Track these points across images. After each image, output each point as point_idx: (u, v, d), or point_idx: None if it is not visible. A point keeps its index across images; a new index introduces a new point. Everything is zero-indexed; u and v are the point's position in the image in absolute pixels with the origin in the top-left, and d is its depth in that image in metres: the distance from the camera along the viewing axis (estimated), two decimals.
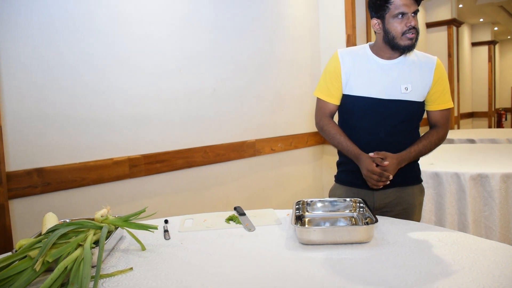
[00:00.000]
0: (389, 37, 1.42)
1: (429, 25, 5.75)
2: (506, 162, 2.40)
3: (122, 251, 1.15)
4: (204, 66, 2.43)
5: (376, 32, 1.49)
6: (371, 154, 1.41)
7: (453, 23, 5.65)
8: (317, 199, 1.41)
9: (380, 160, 1.39)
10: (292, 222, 1.20)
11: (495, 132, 4.63)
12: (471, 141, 4.00)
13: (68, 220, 1.19)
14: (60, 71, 1.79)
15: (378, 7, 1.42)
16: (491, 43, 8.18)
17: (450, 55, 5.61)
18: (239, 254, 1.09)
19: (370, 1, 1.46)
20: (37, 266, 0.89)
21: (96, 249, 0.99)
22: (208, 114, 2.47)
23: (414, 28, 1.39)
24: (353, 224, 1.31)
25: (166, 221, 1.43)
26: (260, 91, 2.83)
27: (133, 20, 2.06)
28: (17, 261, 0.93)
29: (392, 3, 1.38)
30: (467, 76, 7.38)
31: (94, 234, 1.08)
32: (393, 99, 1.45)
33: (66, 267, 0.90)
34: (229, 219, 1.42)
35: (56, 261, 0.92)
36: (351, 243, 1.12)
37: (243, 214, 1.47)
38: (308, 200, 1.41)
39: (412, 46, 1.42)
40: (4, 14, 1.61)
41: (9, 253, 1.06)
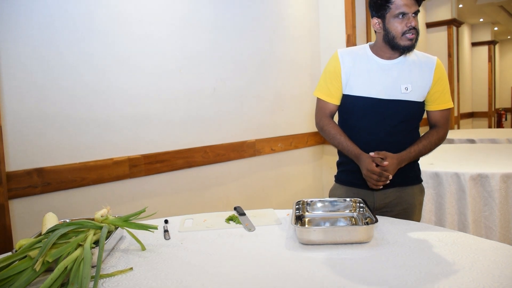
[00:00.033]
0: (389, 37, 1.42)
1: (429, 25, 5.75)
2: (506, 162, 2.40)
3: (122, 251, 1.15)
4: (204, 66, 2.43)
5: (376, 32, 1.49)
6: (371, 153, 1.41)
7: (453, 23, 5.65)
8: (317, 199, 1.41)
9: (380, 160, 1.39)
10: (292, 222, 1.20)
11: (495, 132, 4.63)
12: (471, 141, 4.00)
13: (68, 220, 1.19)
14: (60, 71, 1.79)
15: (379, 7, 1.42)
16: (491, 43, 8.18)
17: (450, 55, 5.61)
18: (239, 254, 1.09)
19: (371, 1, 1.46)
20: (37, 266, 0.89)
21: (96, 249, 0.99)
22: (208, 114, 2.47)
23: (414, 28, 1.39)
24: (353, 224, 1.31)
25: (166, 221, 1.43)
26: (260, 91, 2.83)
27: (133, 20, 2.06)
28: (17, 261, 0.93)
29: (393, 3, 1.38)
30: (467, 76, 7.38)
31: (94, 234, 1.08)
32: (393, 99, 1.46)
33: (66, 267, 0.90)
34: (229, 219, 1.42)
35: (56, 261, 0.92)
36: (351, 243, 1.12)
37: (243, 214, 1.47)
38: (308, 200, 1.41)
39: (412, 47, 1.42)
40: (4, 14, 1.61)
41: (9, 253, 1.06)
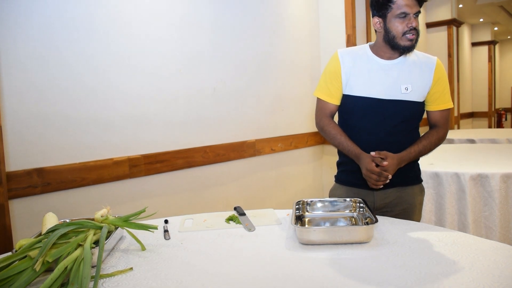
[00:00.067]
0: (389, 37, 1.42)
1: (429, 25, 5.75)
2: (506, 162, 2.40)
3: (122, 251, 1.15)
4: (204, 66, 2.43)
5: (376, 31, 1.49)
6: (372, 153, 1.41)
7: (453, 23, 5.65)
8: (317, 199, 1.41)
9: (380, 160, 1.39)
10: (292, 222, 1.20)
11: (495, 132, 4.62)
12: (471, 141, 4.00)
13: (68, 220, 1.19)
14: (60, 71, 1.79)
15: (381, 6, 1.42)
16: (491, 43, 8.18)
17: (450, 55, 5.61)
18: (239, 254, 1.09)
19: (372, 0, 1.46)
20: (37, 266, 0.89)
21: (96, 249, 0.99)
22: (208, 114, 2.47)
23: (415, 29, 1.40)
24: (353, 224, 1.31)
25: (166, 221, 1.43)
26: (260, 91, 2.83)
27: (133, 21, 2.06)
28: (17, 261, 0.93)
29: (394, 3, 1.38)
30: (467, 76, 7.38)
31: (94, 234, 1.08)
32: (393, 99, 1.46)
33: (66, 267, 0.90)
34: (229, 219, 1.42)
35: (56, 261, 0.92)
36: (351, 243, 1.12)
37: (243, 214, 1.47)
38: (308, 200, 1.41)
39: (412, 47, 1.43)
40: (4, 14, 1.61)
41: (9, 253, 1.06)
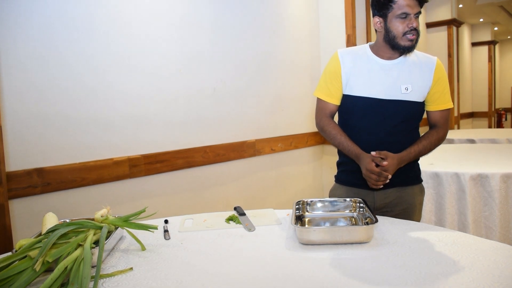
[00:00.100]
0: (390, 36, 1.42)
1: (429, 25, 5.75)
2: (506, 162, 2.40)
3: (122, 251, 1.15)
4: (204, 66, 2.43)
5: (377, 31, 1.49)
6: (372, 152, 1.41)
7: (453, 23, 5.65)
8: (317, 199, 1.41)
9: (380, 159, 1.39)
10: (292, 222, 1.20)
11: (495, 132, 4.62)
12: (471, 141, 4.00)
13: (68, 220, 1.19)
14: (60, 71, 1.79)
15: (382, 6, 1.42)
16: (491, 43, 8.18)
17: (450, 55, 5.61)
18: (239, 254, 1.09)
19: None
20: (37, 266, 0.89)
21: (96, 249, 0.99)
22: (208, 114, 2.47)
23: (415, 29, 1.40)
24: (353, 224, 1.31)
25: (166, 221, 1.43)
26: (260, 91, 2.83)
27: (133, 21, 2.06)
28: (17, 261, 0.93)
29: (396, 3, 1.38)
30: (467, 76, 7.38)
31: (94, 234, 1.08)
32: (393, 99, 1.46)
33: (66, 267, 0.90)
34: (229, 219, 1.42)
35: (56, 261, 0.92)
36: (351, 243, 1.12)
37: (243, 214, 1.47)
38: (308, 200, 1.41)
39: (412, 47, 1.43)
40: (4, 14, 1.61)
41: (9, 253, 1.06)
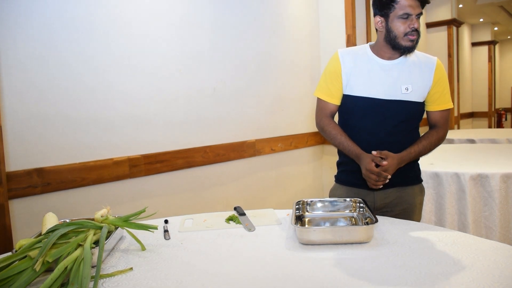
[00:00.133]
0: (391, 36, 1.42)
1: (429, 25, 5.75)
2: (506, 162, 2.40)
3: (122, 251, 1.15)
4: (204, 66, 2.43)
5: (377, 30, 1.49)
6: (373, 152, 1.41)
7: (453, 23, 5.65)
8: (317, 199, 1.41)
9: (380, 159, 1.39)
10: (292, 222, 1.20)
11: (495, 132, 4.62)
12: (471, 141, 4.00)
13: (68, 220, 1.19)
14: (60, 71, 1.79)
15: (383, 5, 1.42)
16: (491, 43, 8.18)
17: (450, 55, 5.61)
18: (239, 254, 1.09)
19: None
20: (37, 266, 0.89)
21: (96, 249, 0.99)
22: (208, 114, 2.47)
23: (416, 30, 1.40)
24: (353, 224, 1.31)
25: (166, 221, 1.43)
26: (260, 91, 2.83)
27: (133, 21, 2.06)
28: (17, 261, 0.93)
29: (398, 3, 1.38)
30: (467, 76, 7.38)
31: (94, 234, 1.08)
32: (393, 99, 1.46)
33: (66, 267, 0.90)
34: (229, 219, 1.42)
35: (56, 261, 0.92)
36: (351, 243, 1.12)
37: (243, 214, 1.47)
38: (308, 200, 1.41)
39: (413, 48, 1.43)
40: (4, 14, 1.61)
41: (9, 253, 1.06)
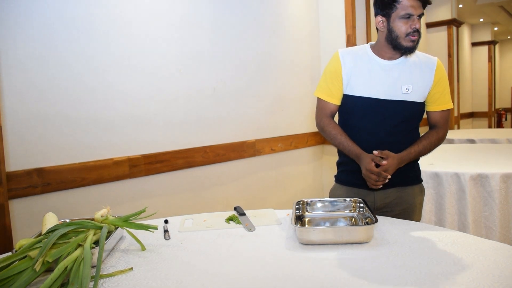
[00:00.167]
0: (392, 36, 1.42)
1: (429, 25, 5.75)
2: (506, 162, 2.40)
3: (122, 251, 1.15)
4: (204, 66, 2.43)
5: (378, 30, 1.49)
6: (374, 152, 1.41)
7: (453, 23, 5.65)
8: (317, 199, 1.41)
9: (380, 159, 1.39)
10: (292, 222, 1.20)
11: (495, 132, 4.62)
12: (471, 141, 4.00)
13: (68, 220, 1.19)
14: (60, 71, 1.79)
15: (385, 5, 1.42)
16: (491, 43, 8.18)
17: (450, 55, 5.60)
18: (239, 254, 1.09)
19: None
20: (37, 266, 0.89)
21: (96, 249, 0.99)
22: (208, 114, 2.47)
23: (417, 31, 1.40)
24: (353, 224, 1.31)
25: (166, 221, 1.43)
26: (260, 91, 2.83)
27: (133, 21, 2.06)
28: (17, 261, 0.93)
29: (400, 3, 1.38)
30: (467, 76, 7.38)
31: (94, 234, 1.08)
32: (393, 99, 1.46)
33: (66, 267, 0.90)
34: (229, 219, 1.42)
35: (56, 261, 0.92)
36: (351, 243, 1.12)
37: (243, 214, 1.47)
38: (308, 200, 1.41)
39: (414, 48, 1.43)
40: (4, 14, 1.61)
41: (9, 253, 1.06)
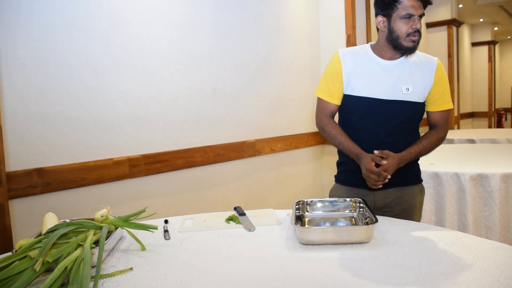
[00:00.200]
0: (393, 36, 1.42)
1: (429, 25, 5.74)
2: (506, 162, 2.40)
3: (122, 251, 1.15)
4: (204, 66, 2.43)
5: (379, 30, 1.48)
6: (375, 151, 1.40)
7: (453, 23, 5.65)
8: (317, 199, 1.41)
9: (380, 159, 1.39)
10: (292, 222, 1.20)
11: (495, 132, 4.62)
12: (471, 141, 4.00)
13: (68, 220, 1.19)
14: (60, 71, 1.79)
15: (386, 5, 1.41)
16: (491, 43, 8.18)
17: (450, 55, 5.60)
18: (239, 254, 1.09)
19: None
20: (37, 266, 0.89)
21: (96, 249, 0.99)
22: (208, 114, 2.47)
23: (418, 31, 1.40)
24: (353, 224, 1.31)
25: (166, 221, 1.43)
26: (260, 91, 2.83)
27: (133, 21, 2.06)
28: (17, 261, 0.93)
29: (401, 3, 1.38)
30: (467, 76, 7.38)
31: (94, 234, 1.08)
32: (394, 99, 1.46)
33: (66, 267, 0.90)
34: (229, 219, 1.42)
35: (56, 261, 0.92)
36: (351, 243, 1.12)
37: (243, 214, 1.47)
38: (308, 200, 1.41)
39: (414, 49, 1.43)
40: (4, 14, 1.61)
41: (9, 253, 1.06)
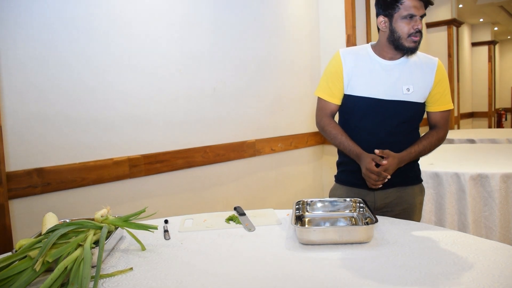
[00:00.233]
0: (394, 37, 1.42)
1: (429, 25, 5.74)
2: (506, 162, 2.40)
3: (122, 251, 1.15)
4: (204, 66, 2.43)
5: (380, 30, 1.48)
6: (376, 151, 1.40)
7: (453, 23, 5.65)
8: (317, 199, 1.41)
9: (380, 159, 1.39)
10: (292, 222, 1.20)
11: (495, 132, 4.62)
12: (471, 141, 4.00)
13: (68, 220, 1.19)
14: (60, 71, 1.79)
15: (388, 5, 1.41)
16: (491, 43, 8.18)
17: (450, 55, 5.60)
18: (239, 254, 1.09)
19: None
20: (37, 266, 0.89)
21: (96, 249, 0.99)
22: (208, 114, 2.47)
23: (419, 31, 1.40)
24: (353, 224, 1.31)
25: (166, 221, 1.43)
26: (260, 91, 2.83)
27: (133, 21, 2.06)
28: (17, 261, 0.93)
29: (402, 3, 1.38)
30: (467, 76, 7.38)
31: (94, 234, 1.08)
32: (394, 99, 1.46)
33: (66, 267, 0.90)
34: (229, 219, 1.42)
35: (56, 261, 0.92)
36: (351, 243, 1.12)
37: (243, 214, 1.47)
38: (308, 200, 1.41)
39: (415, 49, 1.43)
40: (4, 14, 1.61)
41: (9, 253, 1.06)
